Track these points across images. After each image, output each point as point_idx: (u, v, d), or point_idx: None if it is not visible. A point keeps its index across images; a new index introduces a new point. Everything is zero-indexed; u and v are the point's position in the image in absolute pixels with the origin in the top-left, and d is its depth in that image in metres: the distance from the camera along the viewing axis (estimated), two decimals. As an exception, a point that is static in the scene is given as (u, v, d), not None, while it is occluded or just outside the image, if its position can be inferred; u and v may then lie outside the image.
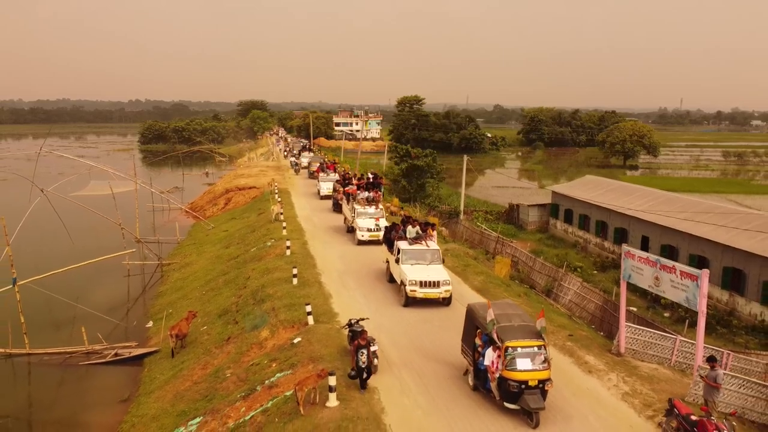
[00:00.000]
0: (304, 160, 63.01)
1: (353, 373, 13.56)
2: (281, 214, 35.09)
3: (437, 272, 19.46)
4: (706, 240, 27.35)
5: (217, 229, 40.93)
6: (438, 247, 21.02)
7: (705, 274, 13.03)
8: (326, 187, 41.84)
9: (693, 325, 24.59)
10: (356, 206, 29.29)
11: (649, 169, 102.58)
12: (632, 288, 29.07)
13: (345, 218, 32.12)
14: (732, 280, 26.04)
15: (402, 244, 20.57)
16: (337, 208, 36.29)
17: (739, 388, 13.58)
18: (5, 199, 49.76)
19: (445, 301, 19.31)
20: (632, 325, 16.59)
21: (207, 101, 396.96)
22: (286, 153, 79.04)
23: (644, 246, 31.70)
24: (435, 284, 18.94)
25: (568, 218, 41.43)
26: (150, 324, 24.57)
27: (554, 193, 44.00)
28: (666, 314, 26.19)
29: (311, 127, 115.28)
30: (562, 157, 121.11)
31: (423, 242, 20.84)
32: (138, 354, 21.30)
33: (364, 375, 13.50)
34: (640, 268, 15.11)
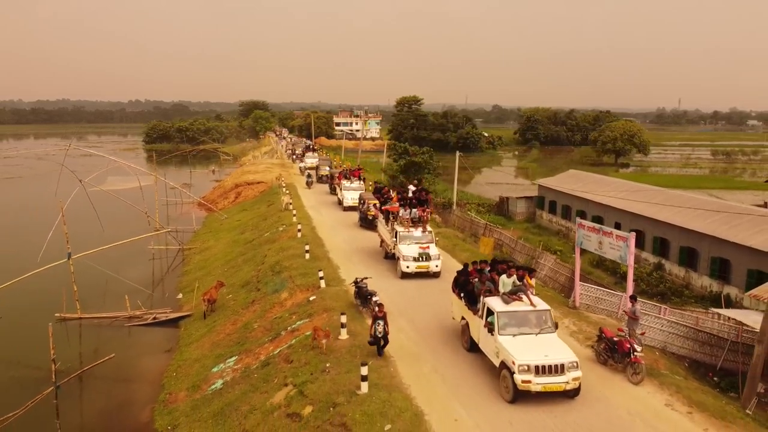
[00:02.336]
0: (310, 160, 60.64)
1: (372, 340, 15.15)
2: (290, 204, 38.78)
3: (556, 348, 13.32)
4: (667, 223, 31.04)
5: (231, 219, 44.61)
6: (547, 306, 14.58)
7: (632, 236, 16.72)
8: (351, 196, 37.45)
9: (660, 295, 28.43)
10: (398, 228, 23.44)
11: (640, 167, 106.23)
12: (603, 267, 32.92)
13: (381, 241, 26.71)
14: (687, 257, 29.73)
15: (494, 304, 14.28)
16: (366, 223, 31.93)
17: (662, 326, 17.32)
18: (35, 191, 53.69)
19: (573, 393, 13.02)
20: (585, 284, 20.29)
21: (207, 101, 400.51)
22: (293, 157, 73.77)
23: (617, 231, 35.32)
24: (557, 369, 12.74)
25: (552, 209, 45.12)
26: (180, 296, 28.21)
27: (540, 186, 47.68)
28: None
29: (313, 126, 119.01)
30: (557, 156, 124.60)
31: (524, 298, 14.43)
32: (173, 317, 25.00)
33: (381, 343, 15.11)
34: (588, 235, 18.80)
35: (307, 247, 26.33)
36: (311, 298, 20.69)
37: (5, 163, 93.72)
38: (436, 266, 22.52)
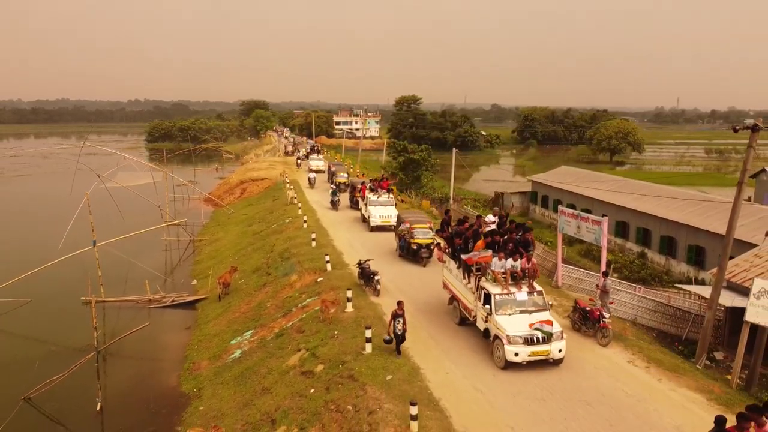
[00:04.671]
0: (315, 163, 55.09)
1: (388, 338, 15.04)
2: (295, 198, 40.87)
3: None
4: (649, 215, 33.18)
5: (238, 213, 46.71)
6: None
7: (605, 220, 18.82)
8: (379, 214, 31.09)
9: (642, 281, 30.50)
10: (491, 289, 15.24)
11: (635, 165, 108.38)
12: (591, 257, 35.04)
13: (452, 297, 18.30)
14: (668, 246, 31.87)
15: None
16: (409, 254, 24.77)
17: (631, 300, 19.44)
18: (49, 187, 55.83)
19: None
20: (567, 265, 22.40)
21: (206, 101, 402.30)
22: (297, 162, 66.79)
23: (604, 223, 37.49)
24: None
25: (544, 203, 47.27)
26: (194, 282, 30.29)
27: (533, 181, 49.86)
28: (615, 275, 31.97)
29: (314, 126, 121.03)
30: (554, 154, 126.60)
31: None
32: (190, 300, 27.09)
33: (399, 341, 14.95)
34: (569, 221, 20.90)
35: (313, 235, 28.42)
36: (319, 280, 22.79)
37: (13, 161, 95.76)
38: (560, 351, 14.33)
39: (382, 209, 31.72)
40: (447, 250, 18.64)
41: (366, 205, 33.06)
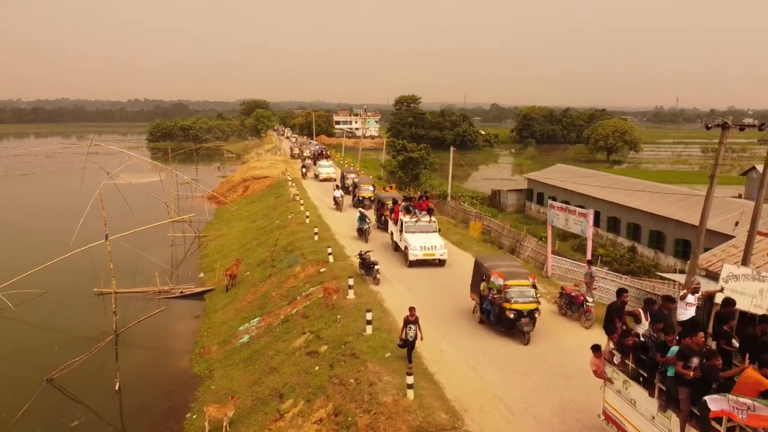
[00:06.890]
0: (325, 170, 48.73)
1: (401, 342, 14.70)
2: (297, 195, 42.10)
3: None
4: (639, 210, 34.43)
5: (241, 210, 47.93)
6: None
7: (590, 213, 20.08)
8: (420, 244, 23.87)
9: (634, 274, 31.68)
10: None
11: (633, 163, 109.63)
12: (583, 251, 36.22)
13: None
14: (657, 240, 33.13)
15: None
16: (499, 322, 16.57)
17: (616, 287, 20.62)
18: (56, 185, 57.07)
19: None
20: (556, 256, 23.62)
21: (206, 100, 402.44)
22: (302, 169, 56.56)
23: (596, 219, 38.64)
24: None
25: (540, 200, 48.49)
26: (201, 275, 31.51)
27: (529, 179, 51.10)
28: (606, 268, 33.19)
29: (314, 125, 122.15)
30: (552, 153, 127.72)
31: None
32: (198, 291, 28.34)
33: (410, 347, 14.48)
34: (557, 214, 22.14)
35: (316, 230, 29.65)
36: (322, 270, 24.04)
37: (16, 160, 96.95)
38: None
39: (423, 238, 24.20)
40: (624, 364, 10.90)
41: (401, 231, 25.31)
